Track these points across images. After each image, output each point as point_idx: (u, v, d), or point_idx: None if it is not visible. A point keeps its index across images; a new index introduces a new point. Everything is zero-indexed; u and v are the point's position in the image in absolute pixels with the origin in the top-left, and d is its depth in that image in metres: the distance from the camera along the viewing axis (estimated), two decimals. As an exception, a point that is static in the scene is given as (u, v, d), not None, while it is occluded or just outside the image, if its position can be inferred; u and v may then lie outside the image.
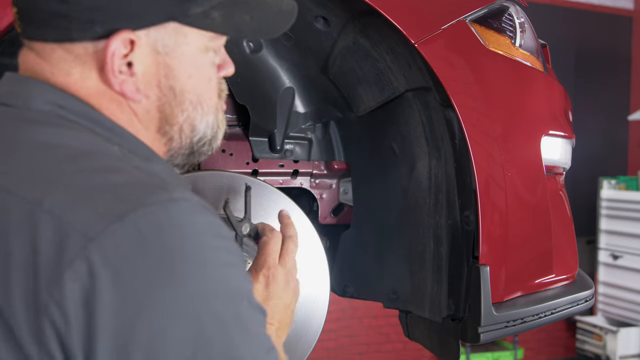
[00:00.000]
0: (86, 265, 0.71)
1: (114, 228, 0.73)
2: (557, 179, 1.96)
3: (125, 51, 0.88)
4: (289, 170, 2.15)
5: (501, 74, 1.73)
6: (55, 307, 0.71)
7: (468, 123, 1.62)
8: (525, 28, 1.83)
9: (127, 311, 0.71)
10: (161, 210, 0.76)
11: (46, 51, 0.90)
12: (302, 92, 2.04)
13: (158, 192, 0.78)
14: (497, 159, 1.66)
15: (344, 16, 1.75)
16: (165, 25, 0.90)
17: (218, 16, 0.92)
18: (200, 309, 0.75)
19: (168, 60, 0.92)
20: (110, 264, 0.72)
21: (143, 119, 0.94)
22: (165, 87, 0.93)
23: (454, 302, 1.73)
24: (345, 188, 2.20)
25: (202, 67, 0.97)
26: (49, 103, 0.88)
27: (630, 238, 5.87)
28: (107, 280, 0.71)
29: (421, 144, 1.83)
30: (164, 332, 0.73)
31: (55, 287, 0.71)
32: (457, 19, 1.66)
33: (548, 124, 1.81)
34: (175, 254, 0.75)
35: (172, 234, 0.76)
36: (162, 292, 0.73)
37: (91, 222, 0.73)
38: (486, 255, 1.64)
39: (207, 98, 0.99)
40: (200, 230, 0.79)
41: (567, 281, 1.92)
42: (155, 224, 0.75)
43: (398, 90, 1.83)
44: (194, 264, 0.76)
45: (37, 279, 0.72)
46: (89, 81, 0.90)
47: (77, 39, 0.87)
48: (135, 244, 0.73)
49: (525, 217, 1.74)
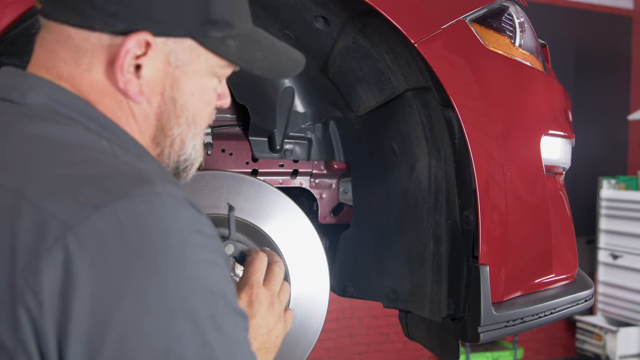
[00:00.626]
0: (63, 253, 0.71)
1: (94, 218, 0.73)
2: (557, 179, 1.95)
3: (139, 52, 0.89)
4: (288, 170, 2.15)
5: (501, 74, 1.73)
6: (30, 294, 0.71)
7: (468, 123, 1.62)
8: (525, 28, 1.82)
9: (102, 302, 0.71)
10: (143, 202, 0.76)
11: (64, 36, 0.90)
12: (301, 92, 2.04)
13: (142, 184, 0.78)
14: (497, 158, 1.66)
15: (344, 16, 1.75)
16: (183, 40, 0.92)
17: (233, 45, 0.95)
18: (175, 305, 0.74)
19: (177, 73, 0.93)
20: (88, 253, 0.71)
21: (141, 123, 0.94)
22: (168, 97, 0.94)
23: (454, 302, 1.73)
24: (345, 188, 2.20)
25: (205, 90, 0.98)
26: (43, 97, 0.88)
27: (630, 238, 5.87)
28: (84, 269, 0.71)
29: (421, 143, 1.83)
30: (138, 325, 0.72)
31: (32, 274, 0.71)
32: (457, 19, 1.66)
33: (548, 124, 1.81)
34: (154, 247, 0.75)
35: (153, 227, 0.75)
36: (138, 284, 0.73)
37: (71, 211, 0.73)
38: (486, 255, 1.64)
39: (201, 120, 1.00)
40: (183, 226, 0.78)
41: (567, 281, 1.92)
42: (137, 216, 0.75)
43: (398, 90, 1.83)
44: (173, 258, 0.76)
45: (14, 266, 0.72)
46: (95, 74, 0.90)
47: (97, 28, 0.88)
48: (114, 235, 0.73)
49: (525, 217, 1.74)
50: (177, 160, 1.00)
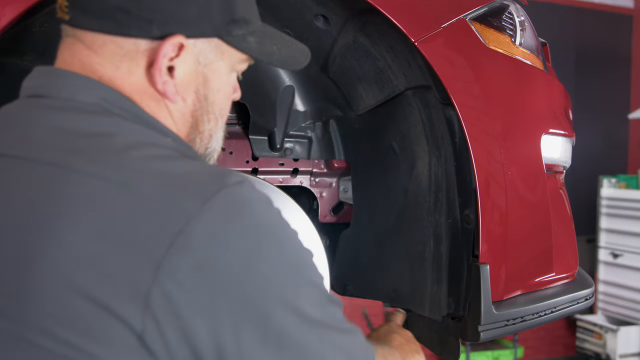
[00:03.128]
0: (193, 238, 0.79)
1: (208, 205, 0.81)
2: (557, 178, 1.95)
3: (173, 55, 0.94)
4: (288, 168, 2.15)
5: (501, 73, 1.73)
6: (167, 278, 0.78)
7: (468, 121, 1.62)
8: (526, 26, 1.82)
9: (241, 268, 0.82)
10: (240, 189, 0.86)
11: (97, 43, 0.94)
12: (302, 91, 2.04)
13: (228, 175, 0.87)
14: (497, 157, 1.65)
15: (344, 14, 1.75)
16: (210, 39, 0.98)
17: (253, 41, 1.03)
18: (291, 257, 0.88)
19: (206, 71, 0.99)
20: (215, 234, 0.80)
21: (178, 121, 1.00)
22: (201, 95, 1.01)
23: (454, 301, 1.73)
24: (345, 186, 2.20)
25: (228, 85, 1.05)
26: (94, 96, 0.93)
27: (630, 236, 5.87)
28: (218, 247, 0.80)
29: (421, 142, 1.83)
30: (273, 281, 0.84)
31: (165, 260, 0.78)
32: (457, 17, 1.66)
33: (548, 123, 1.81)
34: (258, 218, 0.86)
35: (256, 206, 0.86)
36: (263, 248, 0.84)
37: (187, 201, 0.81)
38: (486, 253, 1.64)
39: (225, 114, 1.08)
40: (268, 204, 0.90)
41: (567, 280, 1.91)
42: (241, 200, 0.85)
43: (398, 88, 1.83)
44: (278, 229, 0.88)
45: (141, 255, 0.79)
46: (134, 77, 0.95)
47: (134, 35, 0.93)
48: (229, 216, 0.82)
49: (525, 216, 1.74)
50: (203, 152, 1.07)
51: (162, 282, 0.78)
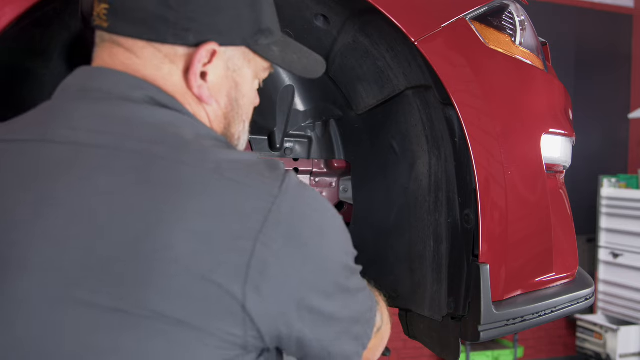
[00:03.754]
0: (281, 214, 0.90)
1: (284, 187, 0.93)
2: (557, 177, 1.95)
3: (206, 61, 1.01)
4: (288, 168, 2.15)
5: (501, 72, 1.73)
6: (265, 249, 0.89)
7: (468, 121, 1.62)
8: (526, 26, 1.82)
9: (319, 239, 0.95)
10: (291, 174, 0.97)
11: (137, 47, 1.00)
12: (302, 90, 2.04)
13: (280, 165, 0.97)
14: (497, 157, 1.65)
15: (344, 14, 1.75)
16: (239, 47, 1.06)
17: (277, 50, 1.11)
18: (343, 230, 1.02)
19: (235, 76, 1.07)
20: (295, 211, 0.92)
21: (214, 122, 1.07)
22: (233, 98, 1.08)
23: (454, 301, 1.73)
24: (345, 186, 2.20)
25: (252, 91, 1.13)
26: (144, 95, 0.98)
27: (631, 236, 5.86)
28: (301, 221, 0.93)
29: (421, 142, 1.83)
30: (337, 248, 0.99)
31: (262, 234, 0.89)
32: (457, 17, 1.66)
33: (548, 122, 1.81)
34: (315, 197, 0.98)
35: (305, 187, 0.98)
36: (328, 221, 0.98)
37: (269, 184, 0.92)
38: (486, 253, 1.64)
39: (249, 119, 1.15)
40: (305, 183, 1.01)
41: (567, 279, 1.91)
42: (297, 182, 0.96)
43: (398, 88, 1.83)
44: (322, 199, 1.00)
45: (241, 232, 0.88)
46: (174, 78, 1.01)
47: (171, 42, 0.99)
48: (300, 195, 0.94)
49: (525, 216, 1.74)
50: None
51: (260, 253, 0.88)
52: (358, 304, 1.05)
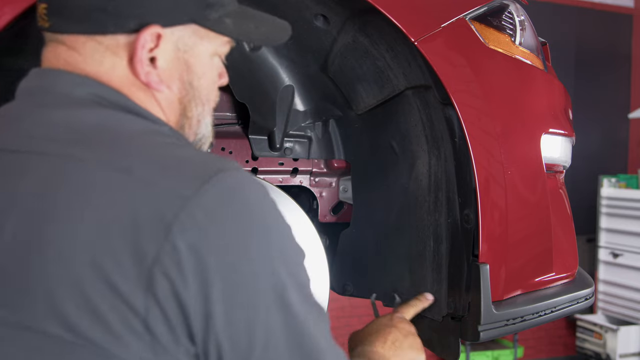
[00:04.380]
0: (191, 220, 0.82)
1: (205, 188, 0.84)
2: (557, 177, 1.95)
3: (152, 45, 0.97)
4: (288, 168, 2.15)
5: (501, 72, 1.73)
6: (167, 259, 0.80)
7: (468, 121, 1.62)
8: (525, 26, 1.82)
9: (235, 252, 0.84)
10: (236, 173, 0.88)
11: (78, 43, 0.97)
12: (301, 90, 2.04)
13: (225, 161, 0.90)
14: (497, 157, 1.65)
15: (344, 14, 1.75)
16: (187, 26, 1.00)
17: (230, 23, 1.05)
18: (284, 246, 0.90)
19: (187, 57, 1.02)
20: (211, 218, 0.83)
21: (166, 110, 1.02)
22: (185, 81, 1.03)
23: (454, 301, 1.73)
24: (345, 186, 2.20)
25: (211, 69, 1.07)
26: (88, 93, 0.95)
27: (630, 236, 5.86)
28: (215, 230, 0.83)
29: (421, 142, 1.83)
30: (265, 267, 0.86)
31: (166, 241, 0.80)
32: (457, 17, 1.66)
33: (548, 122, 1.81)
34: (253, 204, 0.88)
35: (250, 191, 0.89)
36: (254, 233, 0.87)
37: (184, 185, 0.84)
38: (486, 253, 1.64)
39: (210, 99, 1.10)
40: (262, 189, 0.92)
41: (567, 279, 1.91)
42: (235, 184, 0.87)
43: (398, 88, 1.82)
44: (269, 208, 0.91)
45: (144, 237, 0.81)
46: (118, 70, 0.98)
47: (112, 31, 0.96)
48: (224, 200, 0.85)
49: (525, 216, 1.74)
50: (193, 139, 1.09)
51: (163, 263, 0.80)
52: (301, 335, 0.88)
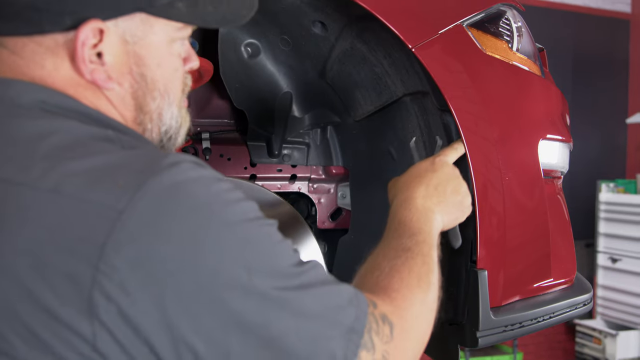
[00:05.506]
0: (126, 234, 0.76)
1: (139, 196, 0.78)
2: (555, 183, 1.95)
3: (95, 41, 0.91)
4: (287, 175, 2.15)
5: (498, 78, 1.73)
6: (106, 280, 0.75)
7: (465, 127, 1.62)
8: (523, 32, 1.83)
9: (182, 257, 0.78)
10: (172, 172, 0.82)
11: (18, 46, 0.92)
12: (300, 97, 2.04)
13: (162, 158, 0.83)
14: (495, 162, 1.65)
15: (342, 21, 1.75)
16: (133, 15, 0.93)
17: (182, 6, 0.96)
18: (238, 235, 0.83)
19: (137, 49, 0.95)
20: (150, 226, 0.77)
21: (119, 107, 0.97)
22: (137, 75, 0.96)
23: (452, 307, 1.73)
24: (343, 192, 2.20)
25: (169, 57, 1.00)
26: (31, 99, 0.90)
27: (629, 241, 5.87)
28: (155, 238, 0.77)
29: (419, 148, 1.83)
30: (219, 265, 0.79)
31: (102, 261, 0.76)
32: (454, 24, 1.66)
33: (545, 128, 1.81)
34: (198, 200, 0.81)
35: (189, 188, 0.82)
36: (203, 231, 0.80)
37: (116, 196, 0.78)
38: (484, 258, 1.64)
39: (173, 88, 1.02)
40: (206, 179, 0.85)
41: (566, 285, 1.91)
42: (173, 184, 0.81)
43: (396, 94, 1.83)
44: (214, 203, 0.83)
45: (75, 255, 0.76)
46: (62, 72, 0.92)
47: (48, 30, 0.90)
48: (161, 204, 0.79)
49: (523, 221, 1.74)
50: (159, 133, 1.03)
51: (102, 285, 0.76)
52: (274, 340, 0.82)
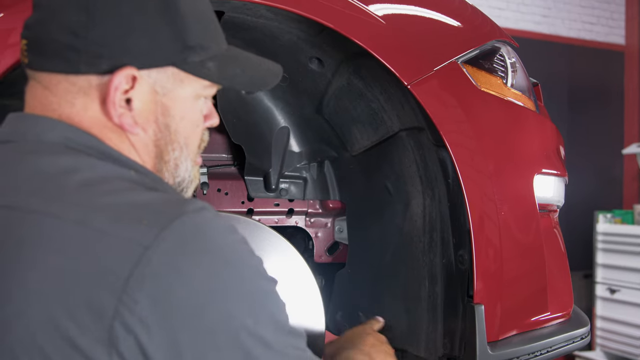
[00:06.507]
0: (150, 270, 0.80)
1: (163, 235, 0.81)
2: (551, 217, 1.96)
3: (127, 87, 0.95)
4: (284, 209, 2.15)
5: (493, 114, 1.75)
6: (128, 312, 0.78)
7: (461, 161, 1.63)
8: (517, 68, 1.85)
9: (198, 299, 0.81)
10: (196, 217, 0.86)
11: (52, 83, 0.96)
12: (297, 132, 2.06)
13: (186, 203, 0.87)
14: (490, 195, 1.67)
15: (338, 57, 1.77)
16: (166, 68, 0.98)
17: (213, 67, 1.01)
18: (250, 286, 0.88)
19: (165, 100, 0.99)
20: (172, 265, 0.81)
21: (141, 152, 1.00)
22: (161, 124, 1.00)
23: (450, 341, 1.73)
24: (341, 227, 2.20)
25: (193, 112, 1.04)
26: (58, 136, 0.94)
27: (627, 272, 5.85)
28: (175, 278, 0.80)
29: (415, 183, 1.84)
30: (232, 311, 0.84)
31: (125, 293, 0.79)
32: (449, 61, 1.68)
33: (541, 163, 1.83)
34: (217, 247, 0.86)
35: (211, 233, 0.86)
36: (219, 277, 0.84)
37: (142, 232, 0.81)
38: (481, 292, 1.64)
39: (192, 142, 1.06)
40: (226, 228, 0.89)
41: (563, 318, 1.91)
42: (196, 228, 0.85)
43: (392, 129, 1.84)
44: (234, 247, 0.88)
45: (101, 290, 0.79)
46: (91, 112, 0.96)
47: (84, 71, 0.94)
48: (184, 245, 0.83)
49: (520, 255, 1.75)
50: (173, 183, 1.06)
51: (123, 317, 0.78)
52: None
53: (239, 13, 1.61)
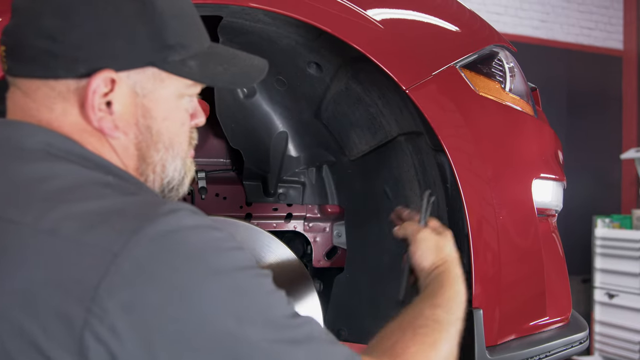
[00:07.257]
0: (120, 277, 0.77)
1: (134, 240, 0.79)
2: (549, 221, 1.96)
3: (106, 90, 0.93)
4: (282, 213, 2.15)
5: (491, 119, 1.75)
6: (97, 322, 0.76)
7: (459, 165, 1.63)
8: (515, 73, 1.85)
9: (172, 304, 0.78)
10: (168, 219, 0.82)
11: (32, 88, 0.94)
12: (295, 137, 2.06)
13: (160, 206, 0.84)
14: (489, 199, 1.66)
15: (337, 62, 1.77)
16: (145, 69, 0.96)
17: (194, 65, 0.99)
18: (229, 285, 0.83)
19: (146, 102, 0.97)
20: (143, 271, 0.78)
21: (122, 155, 0.98)
22: (142, 126, 0.98)
23: (448, 346, 1.72)
24: (339, 231, 2.20)
25: (177, 112, 1.02)
26: (38, 142, 0.92)
27: (626, 277, 5.85)
28: (147, 284, 0.78)
29: (414, 187, 1.84)
30: (210, 314, 0.80)
31: (94, 302, 0.76)
32: (448, 65, 1.68)
33: (539, 167, 1.83)
34: (192, 248, 0.82)
35: (185, 236, 0.83)
36: (195, 280, 0.80)
37: (112, 239, 0.79)
38: (479, 296, 1.64)
39: (178, 142, 1.04)
40: (201, 227, 0.85)
41: (561, 323, 1.91)
42: (169, 231, 0.81)
43: (390, 134, 1.84)
44: (206, 251, 0.84)
45: (70, 301, 0.77)
46: (70, 117, 0.94)
47: (62, 76, 0.92)
48: (156, 250, 0.80)
49: (518, 259, 1.75)
50: (161, 184, 1.04)
51: (93, 327, 0.76)
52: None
53: (237, 18, 1.61)
